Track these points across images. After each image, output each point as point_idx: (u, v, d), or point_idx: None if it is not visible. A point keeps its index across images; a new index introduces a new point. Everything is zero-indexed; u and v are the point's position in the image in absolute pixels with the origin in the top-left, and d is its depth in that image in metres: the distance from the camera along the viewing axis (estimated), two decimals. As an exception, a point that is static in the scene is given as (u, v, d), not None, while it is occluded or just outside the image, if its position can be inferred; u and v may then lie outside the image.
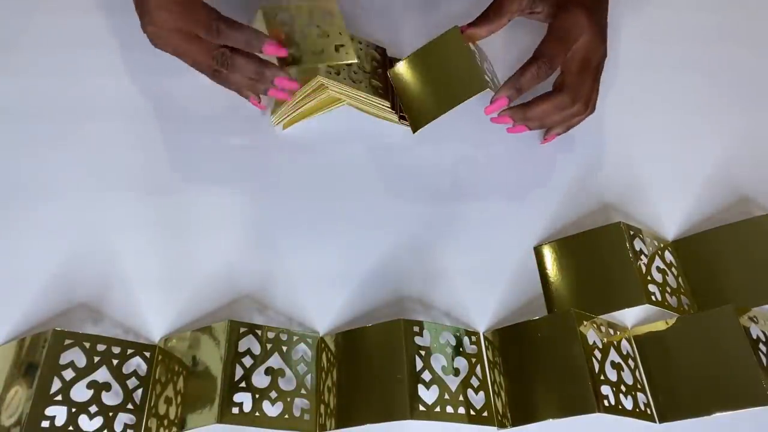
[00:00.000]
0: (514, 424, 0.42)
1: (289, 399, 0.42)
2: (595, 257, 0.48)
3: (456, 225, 0.52)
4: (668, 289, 0.47)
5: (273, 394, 0.42)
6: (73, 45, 0.60)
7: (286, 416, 0.42)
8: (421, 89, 0.52)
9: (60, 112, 0.56)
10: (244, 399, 0.41)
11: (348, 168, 0.55)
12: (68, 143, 0.55)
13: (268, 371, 0.43)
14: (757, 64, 0.62)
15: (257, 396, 0.42)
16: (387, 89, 0.56)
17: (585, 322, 0.44)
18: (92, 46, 0.60)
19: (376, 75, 0.56)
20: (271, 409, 0.42)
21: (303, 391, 0.43)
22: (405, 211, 0.53)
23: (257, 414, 0.41)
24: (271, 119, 0.56)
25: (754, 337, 0.43)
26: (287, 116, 0.55)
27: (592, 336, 0.44)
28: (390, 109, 0.55)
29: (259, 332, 0.44)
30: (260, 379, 0.42)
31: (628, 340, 0.46)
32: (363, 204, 0.53)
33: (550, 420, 0.41)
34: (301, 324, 0.47)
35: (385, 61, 0.58)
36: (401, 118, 0.56)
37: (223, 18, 0.48)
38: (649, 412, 0.43)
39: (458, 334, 0.46)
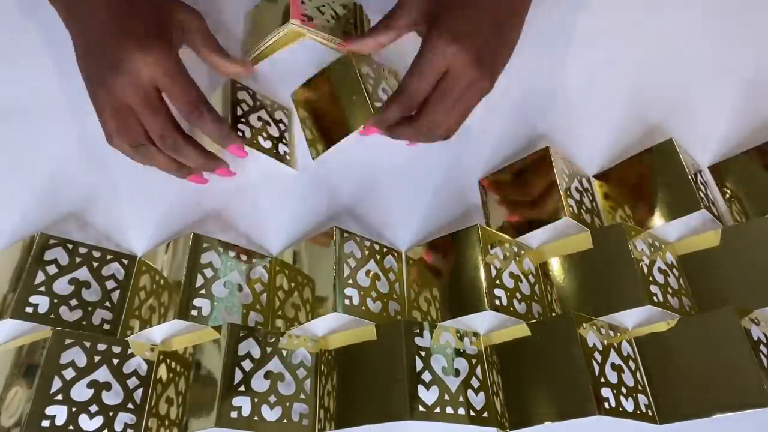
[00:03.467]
0: (512, 428, 0.42)
1: (287, 404, 0.42)
2: (597, 258, 0.48)
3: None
4: (670, 290, 0.47)
5: (272, 399, 0.42)
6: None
7: (285, 421, 0.42)
8: (318, 116, 0.54)
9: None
10: (243, 403, 0.41)
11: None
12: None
13: (268, 375, 0.43)
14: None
15: (256, 400, 0.42)
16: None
17: (584, 325, 0.44)
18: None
19: (350, 24, 0.58)
20: (270, 414, 0.42)
21: (302, 396, 0.43)
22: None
23: (255, 418, 0.41)
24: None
25: (755, 338, 0.43)
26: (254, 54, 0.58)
27: (591, 338, 0.44)
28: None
29: (259, 336, 0.44)
30: (259, 383, 0.42)
31: (629, 342, 0.46)
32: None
33: (550, 423, 0.41)
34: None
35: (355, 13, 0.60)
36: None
37: (207, 103, 0.46)
38: (650, 413, 0.43)
39: (459, 334, 0.45)
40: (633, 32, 0.63)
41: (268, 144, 0.52)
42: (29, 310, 0.44)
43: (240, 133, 0.50)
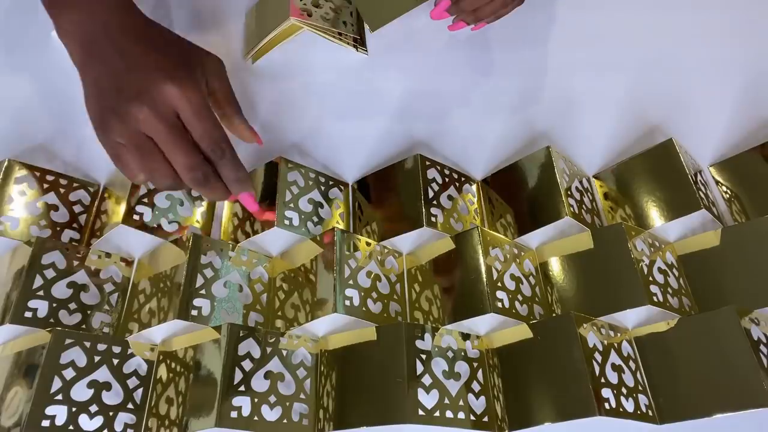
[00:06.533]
0: (512, 429, 0.42)
1: (287, 404, 0.42)
2: (597, 258, 0.48)
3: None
4: (670, 290, 0.47)
5: (272, 399, 0.42)
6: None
7: (285, 421, 0.42)
8: None
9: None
10: (243, 403, 0.41)
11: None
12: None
13: (268, 375, 0.43)
14: None
15: (256, 400, 0.42)
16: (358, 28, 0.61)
17: (585, 325, 0.44)
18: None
19: (349, 16, 0.61)
20: (270, 414, 0.42)
21: (302, 396, 0.43)
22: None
23: (255, 418, 0.41)
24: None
25: (755, 338, 0.43)
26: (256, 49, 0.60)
27: (592, 338, 0.44)
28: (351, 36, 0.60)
29: (259, 336, 0.44)
30: (259, 383, 0.42)
31: (629, 342, 0.46)
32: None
33: (550, 424, 0.41)
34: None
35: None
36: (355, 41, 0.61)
37: (230, 143, 0.43)
38: (650, 413, 0.43)
39: (461, 336, 0.45)
40: (633, 32, 0.63)
41: None
42: (28, 314, 0.44)
43: None
